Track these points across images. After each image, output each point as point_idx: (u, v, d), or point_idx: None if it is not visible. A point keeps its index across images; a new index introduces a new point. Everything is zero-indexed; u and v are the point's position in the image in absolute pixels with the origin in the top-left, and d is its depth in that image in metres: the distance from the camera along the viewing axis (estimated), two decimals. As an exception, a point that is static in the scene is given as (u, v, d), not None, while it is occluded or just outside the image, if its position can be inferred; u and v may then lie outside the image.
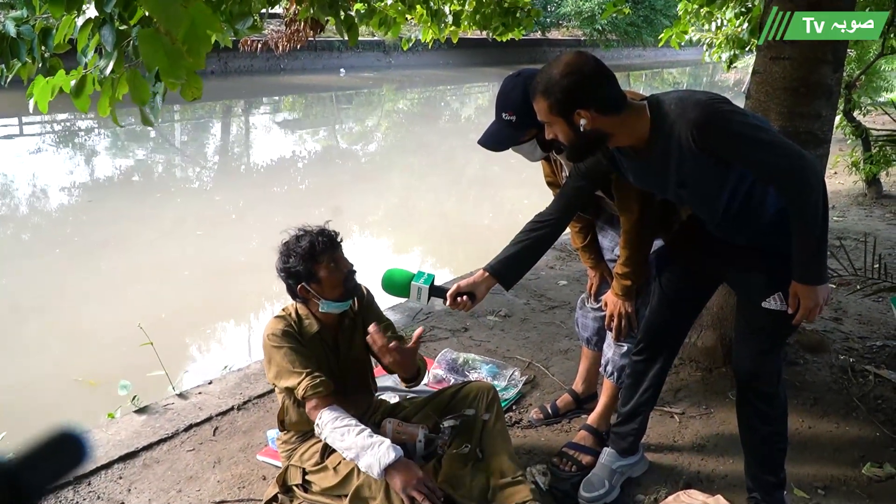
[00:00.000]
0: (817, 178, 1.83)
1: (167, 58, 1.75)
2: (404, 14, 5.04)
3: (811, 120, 2.94)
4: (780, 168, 1.83)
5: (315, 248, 2.22)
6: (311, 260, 2.22)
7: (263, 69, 20.06)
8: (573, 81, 1.84)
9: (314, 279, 2.24)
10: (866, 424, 2.99)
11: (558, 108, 1.87)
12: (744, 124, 1.83)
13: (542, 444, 2.84)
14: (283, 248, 2.27)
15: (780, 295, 2.04)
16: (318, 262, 2.23)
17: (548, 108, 1.89)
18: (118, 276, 5.94)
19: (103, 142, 12.09)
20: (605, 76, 1.88)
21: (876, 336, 3.85)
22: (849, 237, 5.70)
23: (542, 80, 1.88)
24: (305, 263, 2.21)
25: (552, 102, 1.87)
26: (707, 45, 8.28)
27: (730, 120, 1.82)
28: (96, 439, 2.82)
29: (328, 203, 8.65)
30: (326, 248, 2.24)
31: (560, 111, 1.88)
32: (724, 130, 1.82)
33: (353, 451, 2.09)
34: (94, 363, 4.31)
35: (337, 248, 2.29)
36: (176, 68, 1.76)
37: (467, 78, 24.19)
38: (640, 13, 30.39)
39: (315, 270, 2.23)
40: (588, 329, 2.89)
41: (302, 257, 2.21)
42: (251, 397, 3.15)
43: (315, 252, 2.22)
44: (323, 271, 2.24)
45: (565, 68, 1.85)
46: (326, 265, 2.24)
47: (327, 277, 2.25)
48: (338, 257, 2.28)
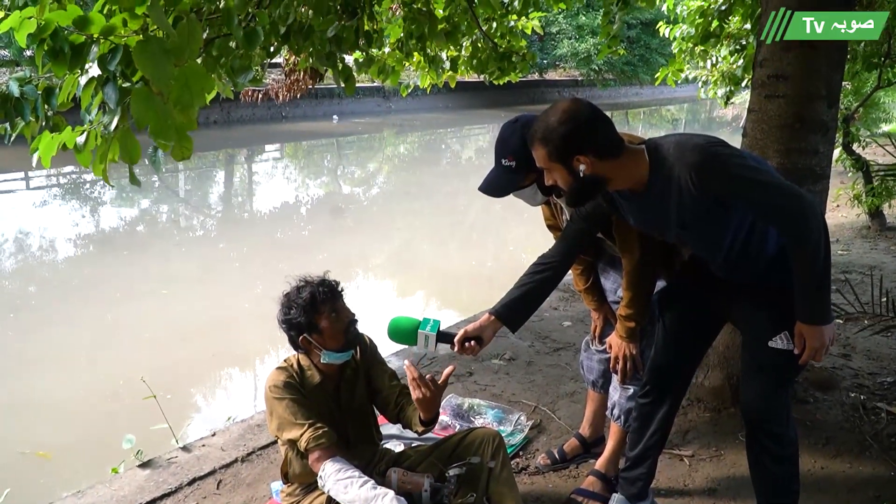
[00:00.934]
0: (817, 217, 1.83)
1: (157, 118, 1.77)
2: (402, 61, 5.11)
3: (808, 156, 2.95)
4: (779, 209, 1.83)
5: (316, 298, 2.21)
6: (312, 311, 2.21)
7: (265, 118, 20.33)
8: (571, 128, 1.85)
9: (315, 330, 2.23)
10: (880, 463, 2.94)
11: (557, 154, 1.89)
12: (742, 167, 1.83)
13: (550, 491, 2.79)
14: (283, 299, 2.27)
15: (787, 334, 2.02)
16: (319, 312, 2.22)
17: (546, 155, 1.91)
18: (122, 326, 5.93)
19: (108, 193, 12.19)
20: (602, 121, 1.90)
21: (886, 372, 3.81)
22: (854, 271, 5.67)
23: (540, 128, 1.90)
24: (306, 314, 2.20)
25: (551, 150, 1.89)
26: (703, 82, 8.36)
27: (728, 163, 1.83)
28: (99, 495, 2.78)
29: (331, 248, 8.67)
30: (327, 299, 2.23)
31: (559, 158, 1.89)
32: (723, 173, 1.83)
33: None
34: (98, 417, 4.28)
35: (338, 298, 2.28)
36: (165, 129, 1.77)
37: (467, 120, 24.45)
38: (636, 52, 30.80)
39: (316, 321, 2.22)
40: (593, 372, 2.86)
41: (303, 308, 2.20)
42: (255, 448, 3.11)
43: (316, 303, 2.21)
44: (324, 322, 2.23)
45: (562, 115, 1.87)
46: (327, 316, 2.23)
47: (328, 328, 2.23)
48: (339, 307, 2.27)
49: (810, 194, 1.96)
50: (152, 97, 1.76)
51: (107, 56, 2.20)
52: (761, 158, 2.09)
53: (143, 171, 12.60)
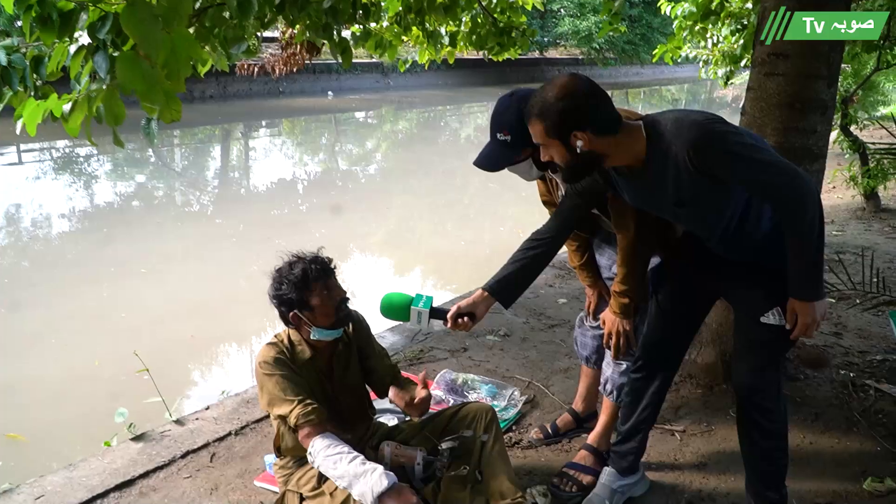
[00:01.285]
0: (813, 196, 1.83)
1: (144, 81, 1.75)
2: (400, 36, 5.07)
3: (806, 135, 2.95)
4: (776, 187, 1.83)
5: (308, 275, 2.21)
6: (303, 287, 2.21)
7: (262, 93, 20.21)
8: (568, 104, 1.84)
9: (306, 307, 2.23)
10: (867, 439, 2.97)
11: (555, 130, 1.88)
12: (740, 144, 1.83)
13: (543, 465, 2.81)
14: (275, 274, 2.26)
15: (779, 310, 2.03)
16: (310, 289, 2.21)
17: (544, 130, 1.90)
18: (116, 302, 5.93)
19: (103, 168, 12.15)
20: (600, 97, 1.89)
21: (876, 350, 3.83)
22: (848, 251, 5.69)
23: (538, 104, 1.89)
24: (298, 291, 2.20)
25: (548, 125, 1.88)
26: (703, 61, 8.31)
27: (726, 140, 1.82)
28: (92, 468, 2.80)
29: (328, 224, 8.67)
30: (319, 276, 2.23)
31: (556, 134, 1.88)
32: (721, 150, 1.82)
33: (345, 480, 2.07)
34: (90, 391, 4.29)
35: (330, 276, 2.27)
36: (153, 92, 1.76)
37: (466, 98, 24.33)
38: (638, 31, 30.61)
39: (307, 298, 2.22)
40: (587, 348, 2.88)
41: (294, 285, 2.20)
42: (249, 422, 3.13)
43: (308, 280, 2.21)
44: (315, 299, 2.22)
45: (560, 91, 1.86)
46: (319, 293, 2.23)
47: (320, 305, 2.23)
48: (330, 285, 2.27)
49: (807, 173, 1.95)
50: (139, 62, 1.75)
51: (97, 23, 2.17)
52: (759, 137, 2.09)
53: (140, 147, 12.57)
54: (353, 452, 2.12)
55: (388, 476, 2.03)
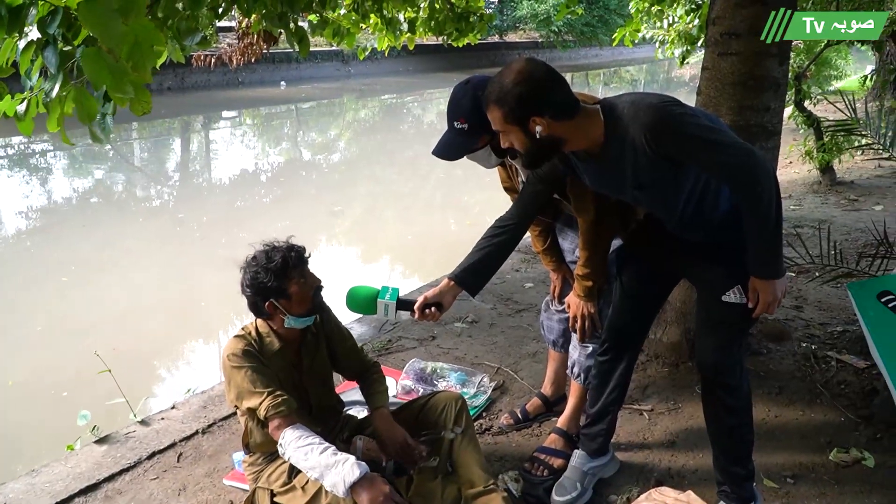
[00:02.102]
0: (768, 175, 1.85)
1: (112, 76, 1.72)
2: (358, 24, 5.02)
3: (761, 113, 2.99)
4: (732, 167, 1.84)
5: (287, 263, 2.19)
6: (282, 276, 2.18)
7: (221, 83, 19.88)
8: (526, 89, 1.84)
9: (283, 295, 2.20)
10: (831, 410, 3.04)
11: (513, 116, 1.87)
12: (696, 126, 1.84)
13: (514, 450, 2.83)
14: (251, 263, 2.22)
15: (739, 288, 2.06)
16: (289, 277, 2.19)
17: (502, 116, 1.89)
18: (77, 300, 5.81)
19: (60, 163, 11.86)
20: (557, 81, 1.88)
21: (836, 322, 3.92)
22: (805, 225, 5.80)
23: (495, 90, 1.88)
24: (276, 279, 2.17)
25: (506, 111, 1.87)
26: (660, 42, 8.38)
27: (682, 122, 1.83)
28: (55, 472, 2.74)
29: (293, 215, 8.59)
30: (297, 264, 2.21)
31: (515, 119, 1.88)
32: (677, 133, 1.83)
33: (317, 471, 2.05)
34: (52, 394, 4.20)
35: (305, 263, 2.26)
36: (121, 85, 1.73)
37: (427, 84, 24.22)
38: (595, 13, 30.72)
39: (285, 286, 2.20)
40: (553, 331, 2.89)
41: (274, 273, 2.17)
42: (216, 420, 3.09)
43: (287, 268, 2.19)
44: (293, 287, 2.20)
45: (517, 76, 1.85)
46: (297, 281, 2.21)
47: (297, 293, 2.21)
48: (306, 272, 2.25)
49: (762, 152, 1.97)
50: (103, 56, 1.72)
51: (46, 18, 2.12)
52: (715, 117, 2.10)
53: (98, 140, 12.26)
54: (325, 443, 2.11)
55: (359, 465, 2.03)
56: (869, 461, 2.66)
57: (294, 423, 2.14)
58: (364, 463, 2.05)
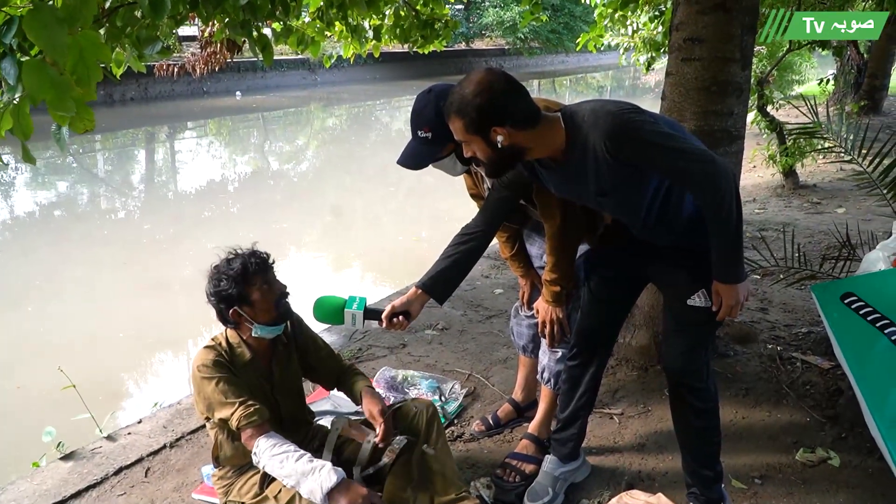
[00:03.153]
0: (729, 181, 1.86)
1: (54, 89, 1.67)
2: (323, 32, 4.99)
3: (724, 118, 3.03)
4: (691, 174, 1.86)
5: (248, 269, 2.16)
6: (243, 282, 2.15)
7: (185, 93, 19.66)
8: (486, 100, 1.84)
9: (246, 302, 2.17)
10: (797, 410, 3.08)
11: (474, 127, 1.87)
12: (655, 133, 1.85)
13: (486, 457, 2.82)
14: (213, 271, 2.20)
15: (704, 292, 2.08)
16: (250, 284, 2.16)
17: (464, 127, 1.89)
18: (40, 316, 5.69)
19: (21, 176, 11.61)
20: (517, 91, 1.89)
21: (801, 323, 3.98)
22: (769, 228, 5.89)
23: (455, 101, 1.88)
24: (237, 286, 2.14)
25: (467, 122, 1.87)
26: (624, 49, 8.47)
27: (641, 129, 1.84)
28: (20, 490, 2.67)
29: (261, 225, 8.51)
30: (259, 270, 2.18)
31: (476, 130, 1.88)
32: (636, 140, 1.84)
33: (293, 479, 2.03)
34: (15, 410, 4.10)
35: (269, 270, 2.23)
36: (63, 100, 1.68)
37: (395, 91, 24.20)
38: (561, 20, 31.01)
39: (247, 293, 2.16)
40: (523, 337, 2.90)
41: (234, 280, 2.14)
42: (184, 433, 3.04)
43: (248, 274, 2.15)
44: (255, 294, 2.17)
45: (477, 87, 1.85)
46: (259, 287, 2.18)
47: (260, 300, 2.18)
48: (270, 279, 2.22)
49: (723, 158, 1.99)
50: (46, 68, 1.67)
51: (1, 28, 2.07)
52: (676, 123, 2.12)
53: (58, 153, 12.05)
54: (300, 450, 2.10)
55: (336, 472, 2.02)
56: (835, 461, 2.70)
57: (267, 432, 2.12)
58: (341, 469, 2.04)
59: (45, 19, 1.64)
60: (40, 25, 1.64)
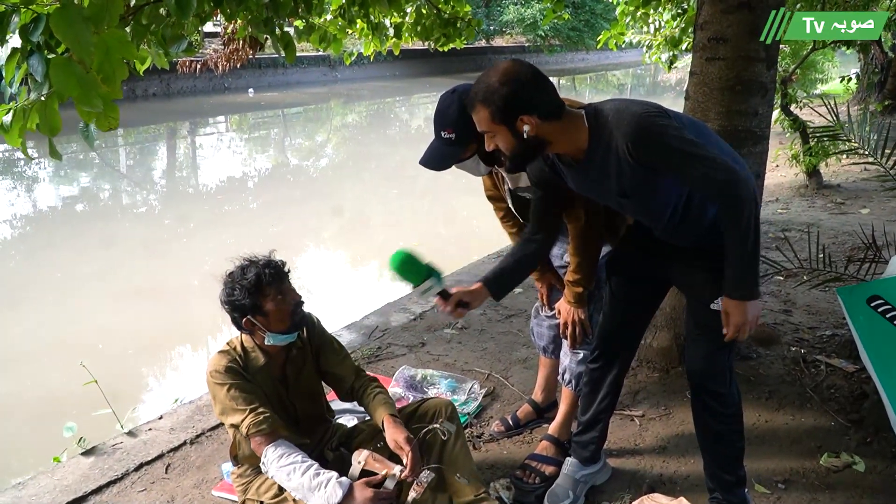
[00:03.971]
0: (750, 194, 1.83)
1: (80, 86, 1.68)
2: (345, 29, 4.99)
3: (749, 118, 2.99)
4: (712, 184, 1.83)
5: (262, 280, 2.14)
6: (256, 293, 2.14)
7: (207, 89, 19.79)
8: (513, 88, 1.82)
9: (260, 312, 2.17)
10: (821, 414, 3.03)
11: (500, 115, 1.85)
12: (678, 139, 1.82)
13: (505, 458, 2.81)
14: (227, 279, 2.19)
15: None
16: (264, 294, 2.15)
17: (489, 116, 1.87)
18: (62, 310, 5.75)
19: (45, 171, 11.74)
20: (543, 81, 1.87)
21: (825, 326, 3.93)
22: (793, 228, 5.82)
23: (481, 90, 1.86)
24: (251, 296, 2.14)
25: (493, 111, 1.85)
26: (646, 46, 8.40)
27: (665, 134, 1.82)
28: (42, 485, 2.70)
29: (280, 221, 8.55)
30: (273, 281, 2.17)
31: (502, 119, 1.86)
32: (659, 144, 1.82)
33: (300, 492, 2.06)
34: (37, 405, 4.15)
35: (284, 280, 2.21)
36: (90, 97, 1.69)
37: (414, 88, 24.22)
38: (581, 18, 30.81)
39: (261, 303, 2.16)
40: (544, 338, 2.88)
41: (247, 290, 2.14)
42: (204, 430, 3.06)
43: (261, 285, 2.15)
44: (269, 304, 2.17)
45: (503, 76, 1.83)
46: (273, 298, 2.17)
47: (274, 310, 2.18)
48: (284, 289, 2.21)
49: (746, 169, 1.95)
50: (73, 66, 1.68)
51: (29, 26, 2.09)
52: (703, 126, 2.08)
53: (82, 148, 12.20)
54: (307, 461, 2.09)
55: (341, 485, 2.02)
56: (859, 466, 2.66)
57: (275, 441, 2.13)
58: (344, 479, 2.03)
59: (72, 17, 1.65)
60: (67, 24, 1.65)
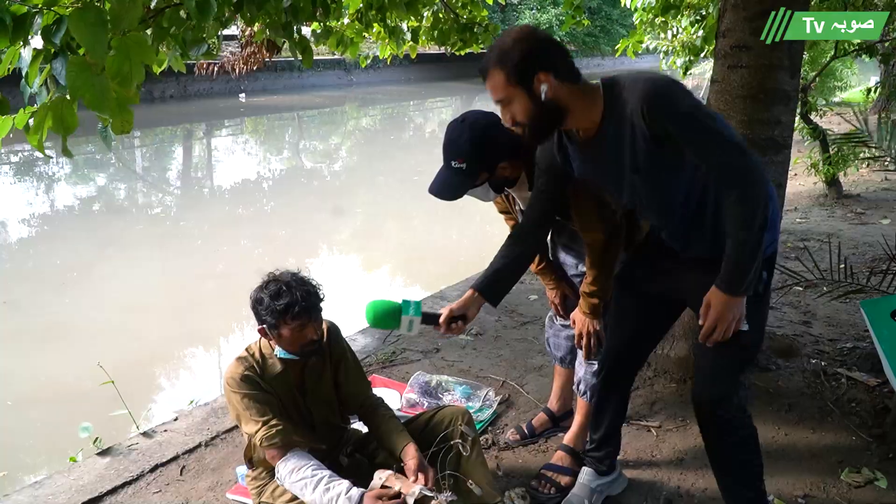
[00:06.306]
0: (760, 181, 1.78)
1: (93, 89, 1.67)
2: (362, 33, 5.00)
3: (771, 126, 2.96)
4: (722, 162, 1.79)
5: (289, 311, 2.10)
6: (279, 318, 2.11)
7: (223, 91, 19.92)
8: (529, 46, 1.78)
9: (276, 331, 2.16)
10: (841, 429, 2.99)
11: (517, 75, 1.79)
12: (695, 107, 1.78)
13: (520, 466, 2.79)
14: (262, 286, 2.16)
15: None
16: (286, 323, 2.12)
17: (505, 78, 1.80)
18: (77, 310, 5.79)
19: (62, 171, 11.85)
20: (558, 43, 1.85)
21: (846, 338, 3.87)
22: (812, 238, 5.76)
23: (495, 53, 1.81)
24: (273, 317, 2.12)
25: (509, 71, 1.79)
26: (664, 52, 8.36)
27: (681, 98, 1.78)
28: (58, 485, 2.70)
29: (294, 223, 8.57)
30: (300, 314, 2.11)
31: (518, 79, 1.79)
32: (674, 108, 1.77)
33: None
34: (54, 405, 4.16)
35: (311, 316, 2.15)
36: (101, 100, 1.68)
37: (429, 93, 24.26)
38: (597, 23, 30.76)
39: (279, 327, 2.14)
40: (561, 348, 2.85)
41: (272, 312, 2.11)
42: (219, 432, 3.05)
43: (287, 315, 2.11)
44: (286, 331, 2.14)
45: (518, 34, 1.81)
46: (292, 328, 2.13)
47: (288, 337, 2.15)
48: (308, 325, 2.15)
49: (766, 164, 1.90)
50: (87, 67, 1.67)
51: (51, 27, 2.09)
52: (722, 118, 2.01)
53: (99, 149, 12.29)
54: (318, 474, 2.07)
55: (350, 500, 2.00)
56: (882, 482, 2.62)
57: (287, 454, 2.12)
58: (355, 491, 2.01)
59: (90, 19, 1.65)
60: (85, 25, 1.65)
